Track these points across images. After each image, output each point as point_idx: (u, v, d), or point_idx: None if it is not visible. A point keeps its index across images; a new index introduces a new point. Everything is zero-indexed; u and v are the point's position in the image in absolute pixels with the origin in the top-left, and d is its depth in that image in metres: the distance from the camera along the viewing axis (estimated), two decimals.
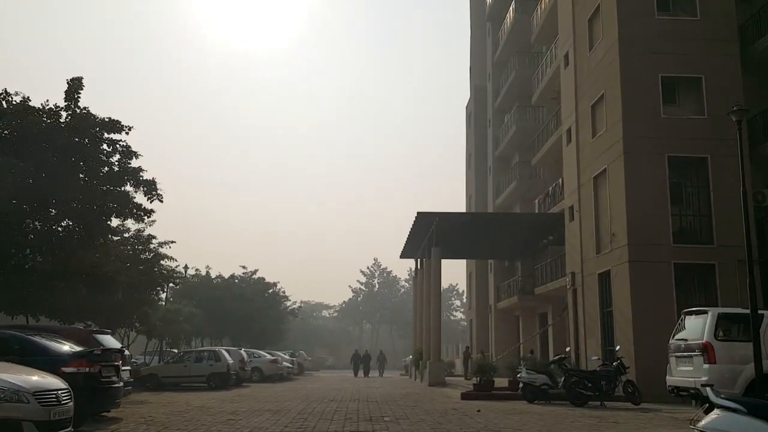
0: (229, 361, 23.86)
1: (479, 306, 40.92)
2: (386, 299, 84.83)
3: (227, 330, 40.93)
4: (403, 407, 14.26)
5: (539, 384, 16.14)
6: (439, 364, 25.86)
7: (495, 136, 39.47)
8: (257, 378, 29.46)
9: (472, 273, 42.80)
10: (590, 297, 21.06)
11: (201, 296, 36.15)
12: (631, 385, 15.39)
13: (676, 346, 11.84)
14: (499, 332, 37.20)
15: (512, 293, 34.56)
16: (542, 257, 33.03)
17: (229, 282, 39.89)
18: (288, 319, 53.52)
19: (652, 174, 18.49)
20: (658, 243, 18.08)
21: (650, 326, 17.47)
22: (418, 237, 31.00)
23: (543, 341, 33.39)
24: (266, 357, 30.42)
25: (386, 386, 25.51)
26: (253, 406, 14.37)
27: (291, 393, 20.22)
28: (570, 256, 23.96)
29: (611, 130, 19.67)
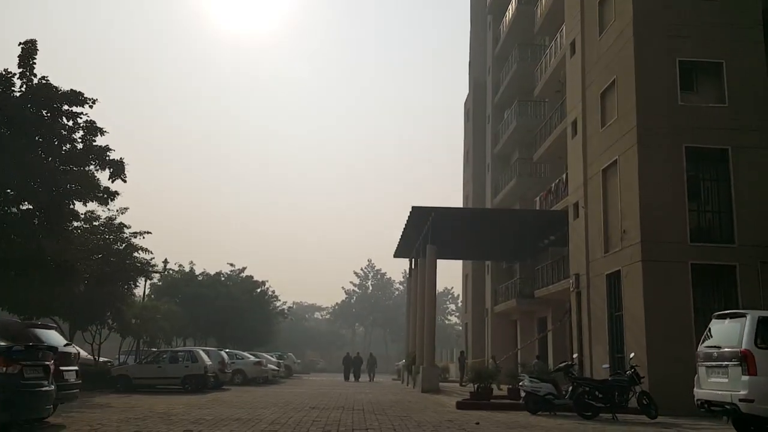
0: (207, 362, 22.21)
1: (475, 309, 39.34)
2: (380, 302, 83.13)
3: (212, 330, 39.21)
4: (392, 418, 12.65)
5: (543, 394, 14.57)
6: (432, 369, 24.27)
7: (494, 133, 37.97)
8: (240, 381, 27.81)
9: (468, 275, 41.23)
10: (597, 300, 19.50)
11: (184, 293, 34.42)
12: (647, 397, 13.83)
13: (706, 355, 10.26)
14: (496, 337, 35.62)
15: (510, 296, 33.02)
16: (543, 258, 31.50)
17: (214, 279, 38.15)
18: (277, 320, 51.80)
19: (667, 166, 16.96)
20: (674, 241, 16.53)
21: (665, 332, 15.93)
22: (413, 234, 29.42)
23: (542, 347, 31.79)
24: (250, 359, 28.76)
25: (376, 392, 23.89)
26: (222, 414, 12.74)
27: (271, 398, 18.58)
28: (574, 257, 22.42)
29: (623, 119, 18.13)
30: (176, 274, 35.73)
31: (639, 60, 17.59)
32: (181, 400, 17.29)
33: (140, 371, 21.91)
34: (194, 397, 18.45)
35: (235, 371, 27.81)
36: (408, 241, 31.70)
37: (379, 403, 17.39)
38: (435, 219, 25.28)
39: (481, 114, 41.20)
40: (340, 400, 18.09)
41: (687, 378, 15.46)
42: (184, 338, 35.72)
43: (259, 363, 28.63)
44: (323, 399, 18.64)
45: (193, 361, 21.81)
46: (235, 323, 37.77)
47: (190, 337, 36.93)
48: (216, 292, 36.53)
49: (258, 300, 42.42)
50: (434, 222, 25.35)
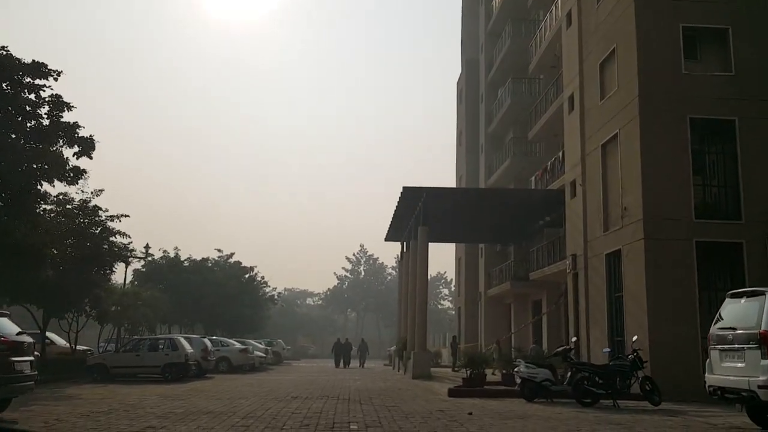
0: (188, 350, 21.24)
1: (468, 293, 38.51)
2: (372, 287, 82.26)
3: (199, 317, 38.22)
4: (379, 408, 11.74)
5: (540, 380, 13.69)
6: (424, 354, 23.41)
7: (488, 112, 36.93)
8: (225, 368, 26.90)
9: (461, 258, 40.35)
10: (596, 281, 18.62)
11: (168, 280, 33.37)
12: (650, 382, 12.97)
13: (719, 337, 9.37)
14: (489, 321, 34.84)
15: (504, 279, 32.17)
16: (538, 240, 30.63)
17: (201, 265, 37.08)
18: (267, 307, 50.87)
19: (671, 138, 16.01)
20: (678, 218, 15.62)
21: (668, 313, 15.07)
22: (405, 216, 28.46)
23: (537, 331, 31.02)
24: (235, 346, 27.83)
25: (366, 379, 23.02)
26: (195, 406, 11.79)
27: (254, 387, 17.67)
28: (571, 237, 21.53)
29: (624, 89, 17.14)
30: (161, 260, 34.62)
31: (640, 27, 16.58)
32: (158, 390, 16.35)
33: (118, 360, 20.94)
34: (173, 387, 17.51)
35: (219, 359, 26.90)
36: (399, 223, 30.75)
37: (367, 391, 16.49)
38: (427, 200, 24.31)
39: (474, 93, 40.11)
40: (326, 389, 17.19)
41: (690, 362, 14.71)
42: (169, 325, 34.73)
43: (245, 350, 27.70)
44: (308, 387, 17.73)
45: (173, 349, 20.84)
46: (222, 310, 36.79)
47: (176, 324, 35.95)
48: (202, 279, 35.48)
49: (246, 286, 41.42)
50: (426, 203, 24.38)
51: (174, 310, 33.17)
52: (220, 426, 8.87)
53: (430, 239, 25.08)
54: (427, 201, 24.40)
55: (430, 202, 24.43)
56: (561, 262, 23.01)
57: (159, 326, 33.29)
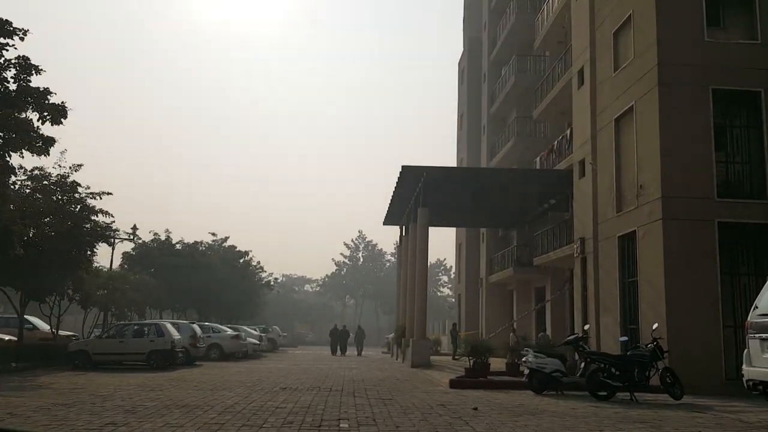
0: (175, 336, 20.14)
1: (469, 280, 37.43)
2: (371, 273, 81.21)
3: (193, 303, 37.12)
4: (374, 401, 10.63)
5: (550, 371, 12.58)
6: (423, 342, 22.32)
7: (490, 92, 35.65)
8: (216, 356, 25.83)
9: (461, 244, 39.24)
10: (607, 265, 17.47)
11: (159, 264, 32.20)
12: (671, 374, 11.87)
13: (761, 326, 8.22)
14: (491, 308, 33.80)
15: (506, 265, 31.08)
16: (542, 224, 29.48)
17: (193, 249, 35.89)
18: (263, 292, 49.84)
19: (692, 111, 14.81)
20: (699, 197, 14.46)
21: (687, 299, 13.96)
22: (404, 198, 27.31)
23: (540, 319, 29.98)
24: (227, 332, 26.72)
25: (362, 367, 21.95)
26: (171, 398, 10.67)
27: (242, 376, 16.58)
28: (579, 219, 20.38)
29: (641, 58, 15.90)
30: (151, 243, 33.42)
31: None
32: (138, 379, 15.25)
33: (101, 346, 19.82)
34: (155, 376, 16.41)
35: (210, 346, 25.83)
36: (398, 206, 29.59)
37: (363, 381, 15.41)
38: (427, 180, 23.13)
39: (477, 73, 38.79)
40: (320, 378, 16.10)
41: (711, 352, 13.62)
42: (160, 311, 33.62)
43: (237, 337, 26.60)
44: (300, 377, 16.64)
45: (158, 335, 19.74)
46: (215, 295, 35.65)
47: (167, 309, 34.83)
48: (194, 262, 34.30)
49: (241, 271, 40.29)
50: (426, 183, 23.20)
51: (165, 296, 32.06)
52: (190, 424, 7.75)
53: (431, 223, 23.93)
54: (427, 181, 23.23)
55: (431, 182, 23.26)
56: (568, 247, 21.88)
57: (149, 311, 32.21)
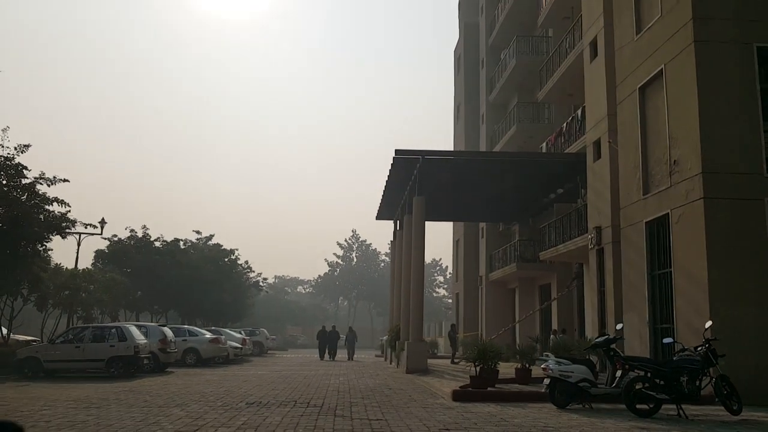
0: (139, 340, 17.80)
1: (468, 278, 35.20)
2: (365, 274, 78.79)
3: (175, 304, 34.71)
4: (360, 422, 8.36)
5: (576, 380, 10.31)
6: (420, 345, 20.04)
7: (489, 78, 33.47)
8: (193, 361, 23.52)
9: (459, 240, 37.00)
10: (631, 256, 15.25)
11: (135, 262, 29.79)
12: (727, 384, 9.64)
13: None
14: (491, 308, 31.56)
15: (508, 261, 28.85)
16: (546, 217, 27.32)
17: (173, 246, 33.46)
18: (252, 294, 47.45)
19: (734, 73, 12.61)
20: (746, 172, 12.26)
21: (735, 292, 11.76)
22: (398, 188, 25.05)
23: (546, 319, 27.76)
24: (204, 336, 24.36)
25: (352, 374, 19.65)
26: (99, 420, 8.36)
27: (210, 386, 14.27)
28: (594, 207, 18.19)
29: (671, 15, 13.69)
30: (128, 240, 30.99)
31: None
32: (86, 390, 12.94)
33: (54, 353, 17.46)
34: (109, 386, 14.09)
35: (186, 350, 23.53)
36: (392, 198, 27.35)
37: (350, 391, 13.12)
38: (423, 167, 20.89)
39: (474, 60, 36.61)
40: (300, 389, 13.81)
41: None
42: (137, 313, 31.20)
43: (216, 340, 24.24)
44: (278, 386, 14.34)
45: (120, 339, 17.41)
46: (199, 296, 33.24)
47: (146, 311, 32.41)
48: (174, 261, 31.89)
49: (226, 270, 37.86)
50: (422, 170, 20.97)
51: (141, 296, 29.66)
52: None
53: (427, 218, 21.69)
54: (423, 168, 21.01)
55: (427, 169, 21.05)
56: (580, 238, 19.66)
57: (125, 314, 29.82)
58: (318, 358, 31.32)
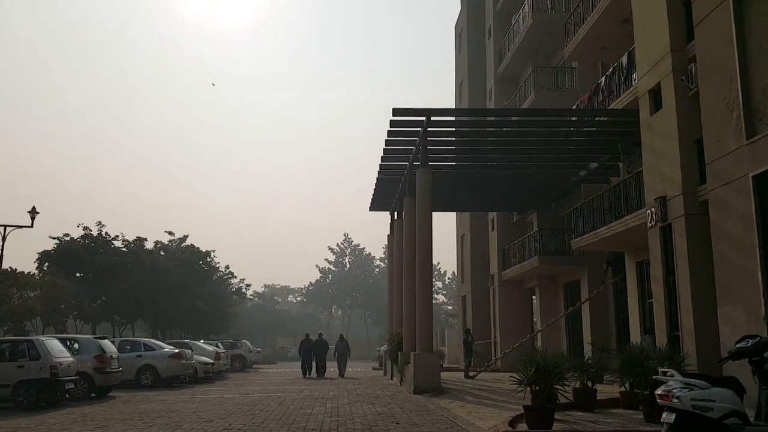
0: (59, 357, 13.39)
1: (476, 278, 30.93)
2: (359, 280, 74.17)
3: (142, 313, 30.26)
4: None
5: (721, 415, 5.99)
6: (430, 357, 15.66)
7: (498, 49, 29.33)
8: (149, 381, 19.13)
9: (465, 235, 32.75)
10: (730, 226, 10.99)
11: (87, 264, 25.31)
12: None
13: None
14: (506, 311, 27.25)
15: (526, 255, 24.55)
16: (572, 201, 23.18)
17: (137, 247, 28.95)
18: (234, 302, 42.93)
19: None
20: None
21: None
22: (395, 171, 20.91)
23: (573, 324, 23.48)
24: (163, 350, 19.90)
25: (343, 396, 15.25)
26: None
27: (140, 422, 9.88)
28: (654, 173, 14.07)
29: None
30: (81, 240, 26.51)
31: None
32: None
33: None
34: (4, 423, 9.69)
35: (142, 369, 19.17)
36: (388, 183, 23.15)
37: (339, 429, 8.77)
38: (429, 131, 16.70)
39: (478, 31, 32.55)
40: (267, 425, 9.43)
41: None
42: (92, 324, 26.66)
43: (178, 355, 19.79)
44: (238, 422, 9.96)
45: (32, 358, 12.99)
46: (165, 304, 28.77)
47: (104, 322, 27.89)
48: (136, 263, 27.43)
49: (201, 275, 33.36)
50: (426, 139, 16.75)
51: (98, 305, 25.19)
52: None
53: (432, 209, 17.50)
54: (428, 133, 16.80)
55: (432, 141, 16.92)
56: (632, 216, 15.44)
57: (75, 324, 25.31)
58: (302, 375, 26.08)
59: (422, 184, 16.40)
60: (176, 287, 29.20)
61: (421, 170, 16.54)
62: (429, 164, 16.79)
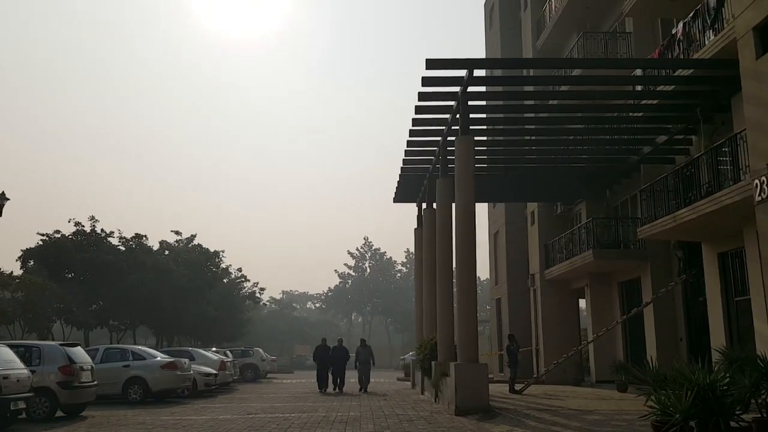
0: (3, 372, 10.45)
1: (512, 279, 27.78)
2: (380, 286, 70.96)
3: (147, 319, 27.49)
4: None
5: None
6: (477, 370, 12.44)
7: (536, 20, 26.25)
8: (138, 396, 16.24)
9: (499, 232, 29.58)
10: None
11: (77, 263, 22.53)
12: None
13: None
14: (551, 315, 23.98)
15: (576, 250, 21.26)
16: (630, 187, 20.04)
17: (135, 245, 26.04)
18: (248, 307, 40.05)
19: None
20: None
21: None
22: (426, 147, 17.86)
23: (633, 331, 20.17)
24: (155, 359, 16.94)
25: (366, 420, 12.10)
26: None
27: None
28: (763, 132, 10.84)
29: None
30: (72, 236, 23.75)
31: None
32: None
33: None
34: None
35: (129, 381, 16.30)
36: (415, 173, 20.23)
37: None
38: (466, 92, 13.65)
39: (511, 4, 29.53)
40: None
41: None
42: (85, 331, 23.84)
43: (171, 365, 16.82)
44: None
45: None
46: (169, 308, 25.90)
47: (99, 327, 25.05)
48: (135, 262, 24.60)
49: (208, 278, 30.49)
50: (466, 98, 13.69)
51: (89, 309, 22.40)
52: None
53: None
54: (468, 96, 13.74)
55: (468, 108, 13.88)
56: (727, 192, 12.21)
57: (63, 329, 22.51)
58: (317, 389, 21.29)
59: (463, 154, 13.30)
60: (181, 290, 26.34)
61: (462, 138, 13.43)
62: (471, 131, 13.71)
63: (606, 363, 20.78)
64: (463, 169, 13.32)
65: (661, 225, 15.23)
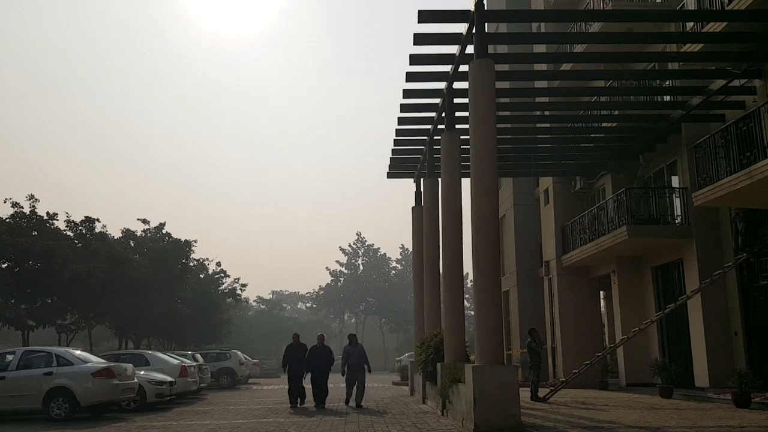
0: None
1: (523, 267, 24.47)
2: (373, 284, 67.40)
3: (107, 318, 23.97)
4: None
5: None
6: (503, 374, 8.99)
7: None
8: (63, 412, 12.77)
9: (505, 215, 26.22)
10: None
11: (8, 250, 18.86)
12: None
13: None
14: (569, 309, 20.66)
15: (604, 230, 17.86)
16: (666, 153, 16.81)
17: (85, 230, 22.24)
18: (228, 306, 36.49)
19: None
20: None
21: None
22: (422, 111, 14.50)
23: (672, 324, 16.83)
24: (84, 365, 13.38)
25: None
26: None
27: None
28: None
29: None
30: (10, 219, 20.05)
31: None
32: None
33: None
34: None
35: (52, 392, 12.84)
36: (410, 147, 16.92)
37: None
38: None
39: None
40: None
41: None
42: (25, 333, 20.10)
43: (105, 373, 13.25)
44: None
45: None
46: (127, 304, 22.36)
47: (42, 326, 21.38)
48: (85, 251, 21.02)
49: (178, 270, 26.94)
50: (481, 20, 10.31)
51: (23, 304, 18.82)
52: None
53: None
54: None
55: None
56: None
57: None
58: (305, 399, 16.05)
59: (478, 76, 9.86)
60: (141, 283, 22.80)
61: (477, 63, 9.99)
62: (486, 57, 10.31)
63: (638, 363, 17.49)
64: (482, 88, 9.85)
65: (729, 185, 11.90)
